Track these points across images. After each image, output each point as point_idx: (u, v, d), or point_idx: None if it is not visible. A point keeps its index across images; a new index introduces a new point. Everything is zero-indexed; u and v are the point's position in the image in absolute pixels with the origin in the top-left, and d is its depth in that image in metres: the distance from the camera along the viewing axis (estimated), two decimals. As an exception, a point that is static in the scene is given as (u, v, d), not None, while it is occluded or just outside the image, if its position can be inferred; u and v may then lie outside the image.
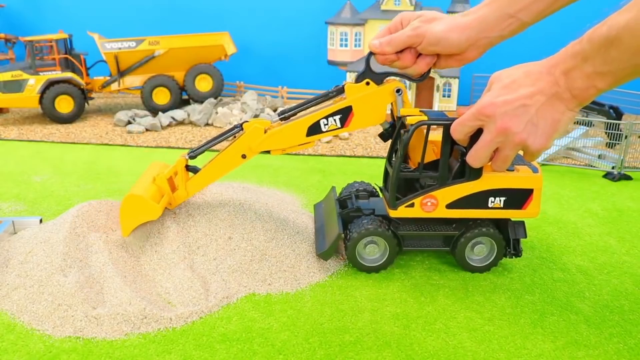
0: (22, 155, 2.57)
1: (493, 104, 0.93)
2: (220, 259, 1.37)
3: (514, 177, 1.29)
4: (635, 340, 1.13)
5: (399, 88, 1.31)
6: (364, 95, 1.32)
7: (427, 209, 1.32)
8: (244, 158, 1.43)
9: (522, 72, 0.92)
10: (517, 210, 1.32)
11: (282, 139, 1.39)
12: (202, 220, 1.53)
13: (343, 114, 1.34)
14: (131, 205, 1.40)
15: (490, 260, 1.40)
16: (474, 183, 1.29)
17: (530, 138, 0.91)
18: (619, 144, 2.41)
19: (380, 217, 1.40)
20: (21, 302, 1.21)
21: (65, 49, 3.45)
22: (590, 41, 0.78)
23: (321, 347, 1.09)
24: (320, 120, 1.35)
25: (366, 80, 1.31)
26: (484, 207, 1.32)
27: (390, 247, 1.38)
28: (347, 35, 3.31)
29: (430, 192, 1.31)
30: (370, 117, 1.35)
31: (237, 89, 4.05)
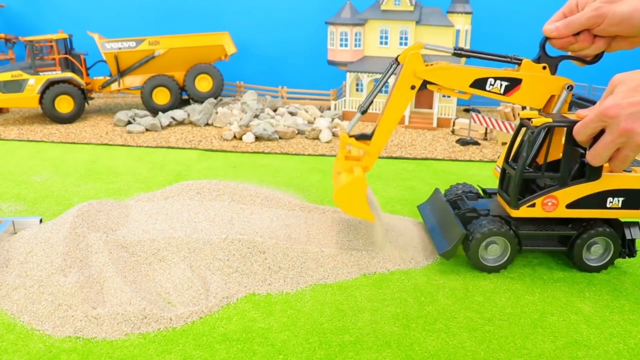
0: (22, 155, 2.57)
1: (618, 105, 0.93)
2: (220, 259, 1.37)
3: (633, 178, 1.31)
4: (635, 340, 1.13)
5: (571, 85, 1.34)
6: (537, 76, 1.35)
7: (548, 209, 1.35)
8: (413, 89, 1.40)
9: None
10: (635, 210, 1.34)
11: (449, 77, 1.39)
12: (202, 220, 1.54)
13: (512, 82, 1.37)
14: (343, 198, 1.38)
15: (606, 260, 1.41)
16: (594, 183, 1.31)
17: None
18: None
19: (499, 217, 1.43)
20: (21, 302, 1.21)
21: (65, 49, 3.45)
22: None
23: (321, 347, 1.09)
24: (489, 78, 1.37)
25: (544, 64, 1.34)
26: (602, 207, 1.34)
27: (512, 246, 1.40)
28: (347, 35, 3.31)
29: (552, 192, 1.34)
30: (532, 98, 1.38)
31: (237, 89, 4.05)
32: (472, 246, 1.39)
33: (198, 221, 1.53)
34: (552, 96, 1.37)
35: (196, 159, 2.52)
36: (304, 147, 2.74)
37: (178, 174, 2.25)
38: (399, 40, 3.28)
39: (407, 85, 1.40)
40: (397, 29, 3.26)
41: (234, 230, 1.49)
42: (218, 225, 1.51)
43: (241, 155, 2.58)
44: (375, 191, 2.04)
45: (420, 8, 3.28)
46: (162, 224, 1.52)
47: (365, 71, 3.30)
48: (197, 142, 2.81)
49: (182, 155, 2.58)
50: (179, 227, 1.50)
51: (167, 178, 2.19)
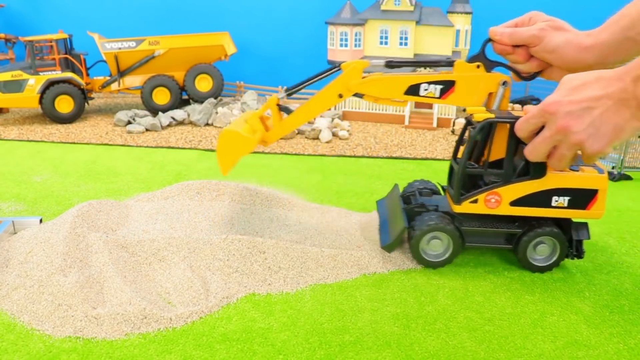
0: (22, 155, 2.57)
1: (558, 102, 0.93)
2: (220, 259, 1.37)
3: (578, 177, 1.30)
4: (635, 340, 1.13)
5: (506, 81, 1.34)
6: (470, 76, 1.36)
7: (491, 206, 1.35)
8: (340, 97, 1.46)
9: (593, 77, 0.91)
10: (581, 210, 1.33)
11: (382, 87, 1.42)
12: (202, 220, 1.53)
13: (445, 85, 1.38)
14: (227, 141, 1.42)
15: (553, 260, 1.41)
16: (538, 181, 1.30)
17: (589, 140, 0.91)
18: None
19: (445, 213, 1.42)
20: (21, 302, 1.21)
21: (65, 49, 3.45)
22: None
23: (321, 347, 1.09)
24: (422, 84, 1.39)
25: (477, 63, 1.35)
26: (547, 205, 1.33)
27: (454, 242, 1.40)
28: (347, 35, 3.31)
29: (494, 188, 1.33)
30: (469, 98, 1.38)
31: (237, 89, 4.05)
32: (413, 240, 1.40)
33: (198, 221, 1.53)
34: (491, 94, 1.37)
35: (196, 159, 2.52)
36: (304, 147, 2.74)
37: (178, 174, 2.25)
38: (399, 40, 3.28)
39: (336, 93, 1.45)
40: (397, 29, 3.26)
41: (234, 230, 1.50)
42: (218, 225, 1.51)
43: (241, 155, 2.58)
44: (375, 191, 2.05)
45: (420, 8, 3.28)
46: (162, 224, 1.52)
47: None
48: (197, 142, 2.81)
49: (182, 155, 2.58)
50: (179, 227, 1.50)
51: (167, 178, 2.19)
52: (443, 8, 3.30)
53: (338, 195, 1.99)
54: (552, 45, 1.12)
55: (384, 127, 3.23)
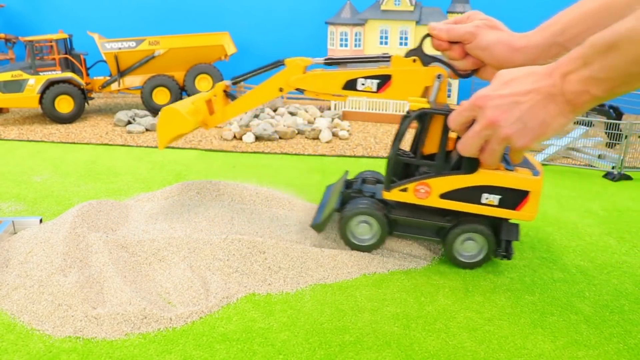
0: (22, 155, 2.57)
1: (487, 96, 0.94)
2: (220, 259, 1.37)
3: (510, 177, 1.29)
4: (635, 340, 1.13)
5: (440, 74, 1.35)
6: (406, 70, 1.38)
7: (420, 196, 1.35)
8: (280, 91, 1.51)
9: (524, 72, 0.92)
10: (512, 210, 1.32)
11: (320, 83, 1.46)
12: (202, 220, 1.54)
13: (382, 80, 1.40)
14: (167, 118, 1.52)
15: (479, 258, 1.41)
16: (470, 177, 1.30)
17: (515, 135, 0.92)
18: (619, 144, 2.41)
19: (378, 200, 1.45)
20: (21, 302, 1.21)
21: (65, 49, 3.45)
22: (592, 46, 0.78)
23: (321, 347, 1.09)
24: (359, 79, 1.42)
25: (414, 57, 1.37)
26: (477, 202, 1.32)
27: (381, 228, 1.42)
28: (347, 35, 3.31)
29: (425, 179, 1.34)
30: (405, 91, 1.40)
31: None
32: (342, 222, 1.43)
33: (198, 221, 1.53)
34: (428, 87, 1.38)
35: (196, 159, 2.52)
36: (304, 147, 2.73)
37: (178, 174, 2.25)
38: (399, 40, 3.28)
39: (277, 86, 1.51)
40: (397, 29, 3.26)
41: (234, 230, 1.50)
42: (218, 225, 1.51)
43: (241, 155, 2.58)
44: (375, 191, 2.04)
45: (420, 8, 3.28)
46: (162, 224, 1.52)
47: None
48: (197, 142, 2.81)
49: (182, 155, 2.58)
50: (179, 227, 1.50)
51: (167, 178, 2.19)
52: (443, 8, 3.29)
53: (338, 195, 1.99)
54: (485, 42, 1.14)
55: (384, 127, 3.23)
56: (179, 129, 1.53)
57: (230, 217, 1.57)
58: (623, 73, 0.76)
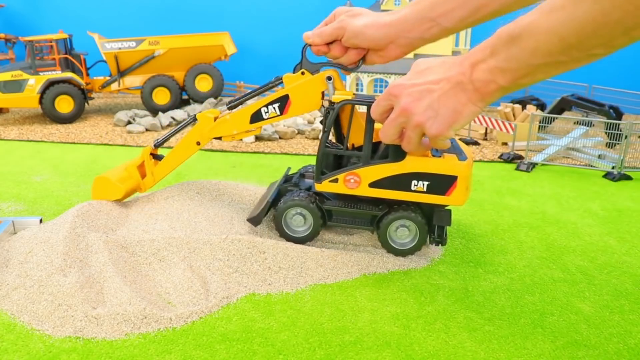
0: (22, 155, 2.57)
1: (401, 85, 0.96)
2: (220, 259, 1.37)
3: (436, 162, 1.31)
4: (635, 340, 1.13)
5: (330, 76, 1.39)
6: (299, 84, 1.43)
7: (350, 186, 1.37)
8: (198, 145, 1.60)
9: (439, 61, 0.95)
10: (441, 196, 1.34)
11: (229, 126, 1.52)
12: (202, 220, 1.54)
13: (281, 102, 1.46)
14: (99, 186, 1.63)
15: (413, 244, 1.43)
16: (397, 164, 1.32)
17: (428, 122, 0.93)
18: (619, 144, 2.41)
19: (314, 192, 1.48)
20: (21, 302, 1.21)
21: (65, 49, 3.45)
22: (499, 37, 0.80)
23: (321, 347, 1.09)
24: (261, 109, 1.48)
25: (302, 70, 1.43)
26: (407, 189, 1.34)
27: (315, 219, 1.46)
28: (347, 35, 3.31)
29: (354, 169, 1.36)
30: (306, 104, 1.45)
31: (237, 89, 4.05)
32: (277, 215, 1.47)
33: (198, 221, 1.53)
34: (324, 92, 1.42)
35: (196, 159, 2.52)
36: (304, 147, 2.73)
37: (178, 174, 2.25)
38: (399, 40, 3.28)
39: (194, 141, 1.59)
40: (397, 29, 3.26)
41: (234, 230, 1.50)
42: (218, 225, 1.51)
43: (241, 155, 2.58)
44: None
45: (420, 8, 3.28)
46: (162, 224, 1.52)
47: (365, 71, 3.30)
48: (197, 142, 2.81)
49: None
50: (179, 227, 1.50)
51: (167, 178, 2.19)
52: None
53: (338, 195, 1.99)
54: (355, 30, 1.17)
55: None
56: (111, 196, 1.63)
57: (230, 217, 1.57)
58: (525, 64, 0.78)
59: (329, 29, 1.23)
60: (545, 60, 0.74)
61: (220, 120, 1.53)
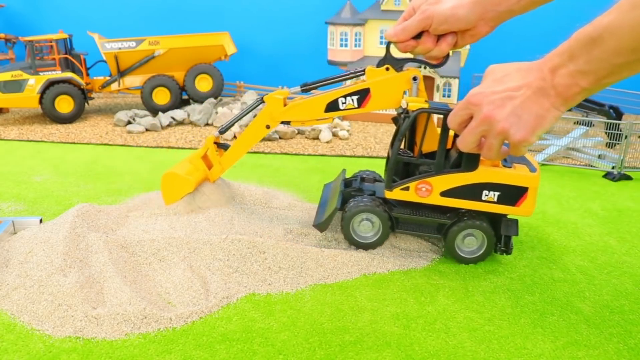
0: (22, 155, 2.57)
1: (481, 93, 0.96)
2: (220, 259, 1.37)
3: (509, 173, 1.32)
4: (635, 340, 1.13)
5: (416, 76, 1.37)
6: (382, 80, 1.39)
7: (421, 194, 1.37)
8: (268, 128, 1.54)
9: (514, 68, 0.95)
10: (511, 206, 1.34)
11: (302, 111, 1.48)
12: (202, 220, 1.54)
13: (361, 95, 1.42)
14: (168, 182, 1.58)
15: (480, 253, 1.42)
16: (470, 174, 1.32)
17: (512, 128, 0.93)
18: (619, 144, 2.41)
19: (379, 198, 1.47)
20: (21, 302, 1.21)
21: (65, 49, 3.45)
22: (577, 40, 0.81)
23: (321, 347, 1.09)
24: (339, 99, 1.43)
25: (386, 66, 1.38)
26: (477, 199, 1.35)
27: (384, 226, 1.44)
28: (347, 35, 3.31)
29: (426, 178, 1.36)
30: (386, 100, 1.42)
31: (237, 89, 4.05)
32: (345, 220, 1.45)
33: (198, 221, 1.53)
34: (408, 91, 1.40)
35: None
36: (304, 147, 2.74)
37: (178, 174, 2.25)
38: (399, 40, 3.28)
39: (263, 124, 1.54)
40: (397, 29, 3.26)
41: (234, 230, 1.50)
42: (218, 225, 1.51)
43: (241, 155, 2.58)
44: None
45: (420, 8, 3.28)
46: (162, 224, 1.52)
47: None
48: (197, 142, 2.81)
49: (182, 155, 2.58)
50: (179, 227, 1.50)
51: (167, 178, 2.19)
52: (443, 8, 3.29)
53: (338, 195, 1.99)
54: (444, 15, 1.15)
55: (384, 127, 3.23)
56: (182, 190, 1.58)
57: (230, 217, 1.57)
58: (608, 64, 0.78)
59: (414, 22, 1.20)
60: (629, 58, 0.74)
61: (294, 104, 1.48)
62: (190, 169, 1.60)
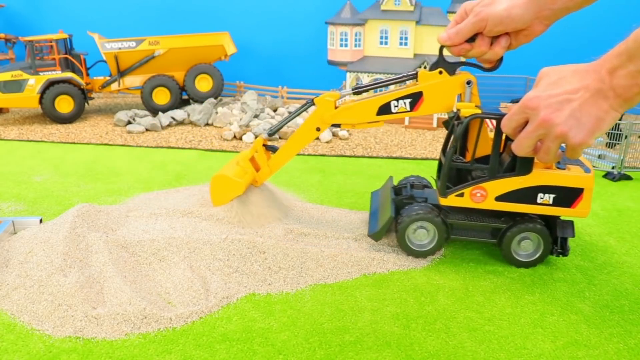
0: (22, 155, 2.57)
1: (538, 97, 0.95)
2: (220, 259, 1.37)
3: (564, 175, 1.32)
4: (635, 340, 1.13)
5: (470, 80, 1.36)
6: (435, 83, 1.39)
7: (476, 200, 1.37)
8: (318, 131, 1.51)
9: (570, 70, 0.94)
10: (567, 208, 1.34)
11: (354, 114, 1.46)
12: (202, 220, 1.53)
13: (413, 98, 1.41)
14: (218, 184, 1.56)
15: (537, 256, 1.42)
16: (524, 178, 1.32)
17: (571, 131, 0.92)
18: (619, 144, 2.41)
19: (432, 204, 1.45)
20: (21, 302, 1.21)
21: (65, 49, 3.45)
22: (635, 41, 0.80)
23: (321, 347, 1.09)
24: (391, 102, 1.42)
25: (439, 69, 1.37)
26: (533, 202, 1.35)
27: (439, 233, 1.43)
28: (347, 35, 3.31)
29: (480, 183, 1.35)
30: (439, 104, 1.41)
31: (237, 89, 4.05)
32: (400, 229, 1.44)
33: (198, 221, 1.53)
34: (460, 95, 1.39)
35: (196, 159, 2.52)
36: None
37: (178, 174, 2.25)
38: (399, 40, 3.28)
39: (313, 127, 1.51)
40: (397, 29, 3.26)
41: (234, 230, 1.49)
42: (218, 225, 1.51)
43: (241, 155, 2.58)
44: (375, 191, 2.04)
45: (420, 8, 3.28)
46: (162, 224, 1.52)
47: (365, 71, 3.30)
48: (197, 142, 2.81)
49: (182, 155, 2.58)
50: (179, 227, 1.50)
51: (167, 178, 2.19)
52: (443, 8, 3.29)
53: (338, 195, 1.99)
54: (499, 16, 1.13)
55: (384, 127, 3.23)
56: (232, 193, 1.55)
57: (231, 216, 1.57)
58: None
59: (468, 25, 1.18)
60: None
61: (345, 106, 1.46)
62: (239, 171, 1.57)
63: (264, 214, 1.57)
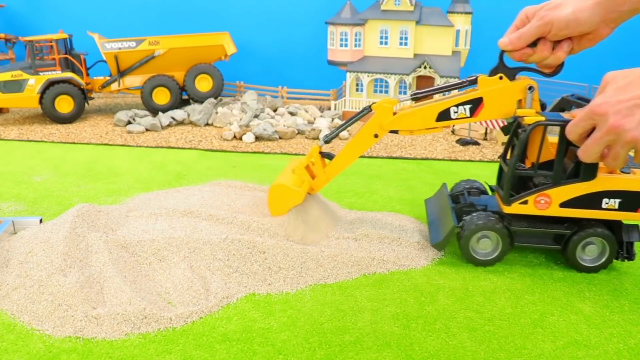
0: (22, 155, 2.57)
1: (606, 103, 0.94)
2: (220, 259, 1.37)
3: (629, 180, 1.31)
4: (635, 340, 1.13)
5: (531, 86, 1.34)
6: (495, 89, 1.37)
7: (541, 207, 1.36)
8: (376, 137, 1.49)
9: (637, 75, 0.92)
10: (633, 213, 1.33)
11: (413, 120, 1.45)
12: (202, 220, 1.53)
13: (473, 104, 1.40)
14: (277, 194, 1.52)
15: (602, 261, 1.41)
16: (589, 183, 1.31)
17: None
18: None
19: (494, 212, 1.44)
20: (21, 302, 1.21)
21: (65, 49, 3.45)
22: None
23: (321, 347, 1.09)
24: (451, 108, 1.41)
25: (499, 75, 1.36)
26: (598, 207, 1.34)
27: (503, 242, 1.42)
28: (347, 35, 3.31)
29: (544, 190, 1.34)
30: (499, 110, 1.40)
31: (237, 89, 4.05)
32: (463, 239, 1.42)
33: (198, 221, 1.53)
34: (520, 100, 1.38)
35: (196, 159, 2.52)
36: (304, 147, 2.73)
37: (178, 174, 2.25)
38: (399, 40, 3.28)
39: (371, 133, 1.49)
40: (397, 29, 3.26)
41: (234, 230, 1.49)
42: (218, 225, 1.51)
43: (241, 155, 2.58)
44: (376, 191, 2.05)
45: (420, 8, 3.28)
46: (162, 224, 1.52)
47: (365, 71, 3.30)
48: (197, 142, 2.81)
49: (182, 155, 2.58)
50: (179, 227, 1.50)
51: (167, 178, 2.19)
52: (443, 8, 3.29)
53: (338, 195, 1.99)
54: (565, 20, 1.11)
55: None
56: (291, 202, 1.52)
57: (231, 216, 1.57)
58: None
59: (531, 29, 1.17)
60: None
61: (404, 113, 1.44)
62: (295, 180, 1.54)
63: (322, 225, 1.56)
